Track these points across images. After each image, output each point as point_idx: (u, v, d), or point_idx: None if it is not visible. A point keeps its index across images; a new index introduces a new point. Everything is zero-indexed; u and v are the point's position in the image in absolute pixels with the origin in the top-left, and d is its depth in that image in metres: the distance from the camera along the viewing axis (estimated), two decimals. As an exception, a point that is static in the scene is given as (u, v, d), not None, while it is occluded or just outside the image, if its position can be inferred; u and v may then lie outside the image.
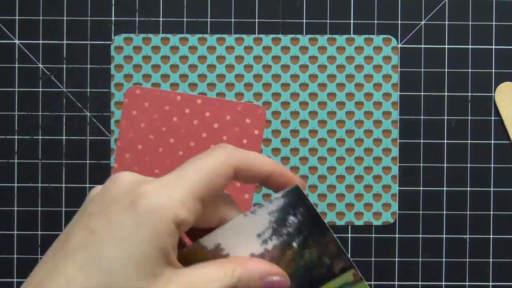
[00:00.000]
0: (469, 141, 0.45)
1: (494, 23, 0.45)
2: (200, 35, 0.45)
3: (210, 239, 0.24)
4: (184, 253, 0.24)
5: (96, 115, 0.44)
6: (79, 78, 0.44)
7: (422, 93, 0.45)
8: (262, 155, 0.26)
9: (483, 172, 0.45)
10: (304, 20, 0.45)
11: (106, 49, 0.44)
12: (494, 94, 0.45)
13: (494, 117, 0.45)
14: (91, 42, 0.44)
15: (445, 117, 0.45)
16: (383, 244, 0.44)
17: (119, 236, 0.21)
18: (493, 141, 0.45)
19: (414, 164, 0.45)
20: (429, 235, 0.45)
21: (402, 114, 0.45)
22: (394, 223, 0.45)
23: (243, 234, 0.24)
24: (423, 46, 0.45)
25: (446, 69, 0.45)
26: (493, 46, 0.45)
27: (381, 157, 0.44)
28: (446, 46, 0.45)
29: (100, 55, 0.44)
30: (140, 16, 0.45)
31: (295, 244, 0.25)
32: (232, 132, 0.44)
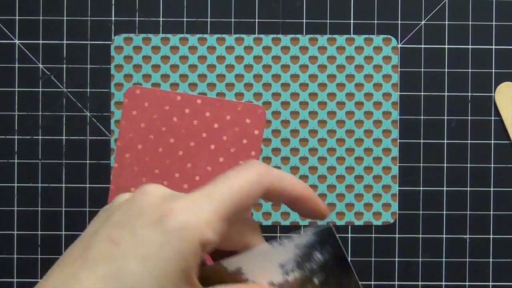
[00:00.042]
0: (469, 141, 0.45)
1: (494, 23, 0.45)
2: (200, 35, 0.45)
3: (233, 262, 0.24)
4: (205, 271, 0.24)
5: (96, 115, 0.44)
6: (79, 78, 0.44)
7: (422, 93, 0.45)
8: (292, 176, 0.25)
9: (483, 172, 0.45)
10: (304, 20, 0.45)
11: (106, 49, 0.44)
12: (494, 94, 0.45)
13: (494, 117, 0.45)
14: (91, 42, 0.44)
15: (445, 117, 0.45)
16: (383, 244, 0.44)
17: (144, 252, 0.21)
18: (493, 141, 0.45)
19: (414, 164, 0.45)
20: (429, 235, 0.45)
21: (402, 114, 0.45)
22: (394, 223, 0.45)
23: (266, 261, 0.24)
24: (423, 46, 0.45)
25: (446, 69, 0.45)
26: (493, 46, 0.45)
27: (381, 157, 0.44)
28: (446, 46, 0.45)
29: (100, 55, 0.44)
30: (140, 16, 0.45)
31: (316, 280, 0.25)
32: (232, 132, 0.44)
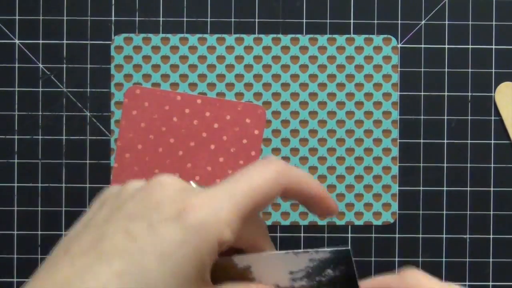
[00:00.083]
0: (469, 141, 0.45)
1: (494, 23, 0.45)
2: (200, 35, 0.45)
3: (243, 260, 0.24)
4: (215, 263, 0.24)
5: (96, 115, 0.44)
6: (79, 78, 0.44)
7: (422, 93, 0.45)
8: (309, 175, 0.25)
9: (483, 172, 0.45)
10: (304, 20, 0.45)
11: (106, 49, 0.44)
12: (494, 94, 0.45)
13: (494, 117, 0.45)
14: (91, 42, 0.44)
15: (445, 117, 0.45)
16: (383, 244, 0.44)
17: (163, 249, 0.20)
18: (493, 141, 0.45)
19: (414, 164, 0.45)
20: (429, 235, 0.44)
21: (402, 114, 0.45)
22: (394, 223, 0.45)
23: (277, 266, 0.24)
24: (423, 46, 0.45)
25: (446, 69, 0.45)
26: (493, 46, 0.45)
27: (381, 157, 0.44)
28: (446, 46, 0.45)
29: (100, 55, 0.44)
30: (140, 16, 0.45)
31: None
32: (232, 132, 0.44)
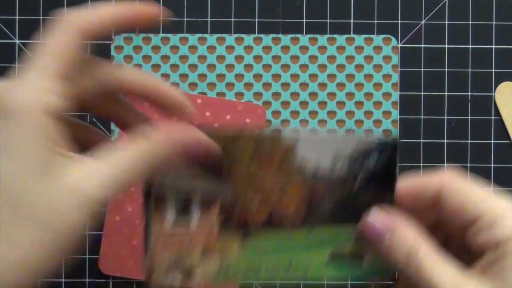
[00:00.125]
0: (469, 141, 0.45)
1: (494, 23, 0.45)
2: (200, 35, 0.45)
3: (290, 136, 0.24)
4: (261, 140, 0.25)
5: (96, 114, 0.44)
6: (79, 77, 0.44)
7: (422, 93, 0.45)
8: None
9: (483, 172, 0.44)
10: (304, 20, 0.45)
11: (106, 48, 0.44)
12: (494, 94, 0.45)
13: (494, 117, 0.45)
14: (91, 42, 0.44)
15: (445, 117, 0.45)
16: (383, 244, 0.44)
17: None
18: (493, 141, 0.44)
19: (414, 164, 0.45)
20: (429, 235, 0.44)
21: (402, 114, 0.45)
22: (394, 223, 0.44)
23: (323, 144, 0.24)
24: (423, 46, 0.45)
25: (446, 69, 0.45)
26: (493, 46, 0.45)
27: (381, 157, 0.44)
28: (446, 46, 0.45)
29: (100, 54, 0.44)
30: (140, 16, 0.44)
31: (358, 180, 0.25)
32: (232, 131, 0.44)
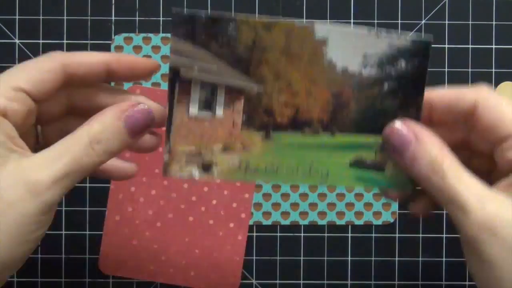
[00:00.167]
0: (469, 141, 0.44)
1: (494, 22, 0.45)
2: (200, 35, 0.45)
3: (323, 29, 0.23)
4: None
5: (96, 114, 0.44)
6: (79, 77, 0.44)
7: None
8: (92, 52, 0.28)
9: (483, 171, 0.44)
10: (304, 20, 0.45)
11: (106, 48, 0.44)
12: (494, 94, 0.44)
13: (494, 117, 0.44)
14: (91, 42, 0.44)
15: (445, 117, 0.45)
16: (383, 244, 0.44)
17: None
18: (493, 141, 0.44)
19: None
20: (429, 235, 0.44)
21: (402, 114, 0.45)
22: (394, 223, 0.44)
23: (354, 45, 0.23)
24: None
25: (446, 69, 0.45)
26: (493, 46, 0.45)
27: (381, 156, 0.44)
28: (446, 45, 0.45)
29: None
30: (140, 16, 0.45)
31: (386, 86, 0.24)
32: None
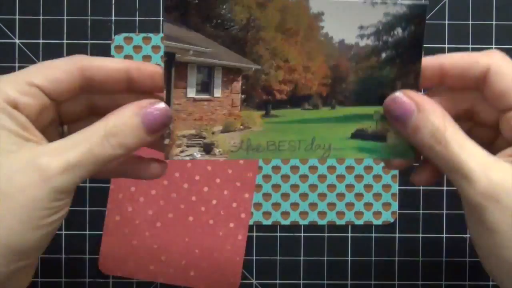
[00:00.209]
0: (469, 141, 0.44)
1: (494, 23, 0.45)
2: (200, 35, 0.45)
3: (317, 2, 0.23)
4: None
5: (96, 114, 0.44)
6: (79, 77, 0.44)
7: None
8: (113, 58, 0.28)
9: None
10: (304, 20, 0.45)
11: (106, 48, 0.44)
12: (494, 94, 0.44)
13: (494, 117, 0.45)
14: (91, 42, 0.44)
15: (445, 117, 0.45)
16: (383, 244, 0.44)
17: None
18: (493, 141, 0.44)
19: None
20: (429, 235, 0.44)
21: (402, 114, 0.45)
22: (394, 223, 0.44)
23: (349, 16, 0.23)
24: (423, 46, 0.45)
25: (446, 69, 0.45)
26: (493, 46, 0.45)
27: (381, 156, 0.44)
28: (446, 45, 0.45)
29: (100, 54, 0.44)
30: (140, 15, 0.45)
31: (383, 55, 0.24)
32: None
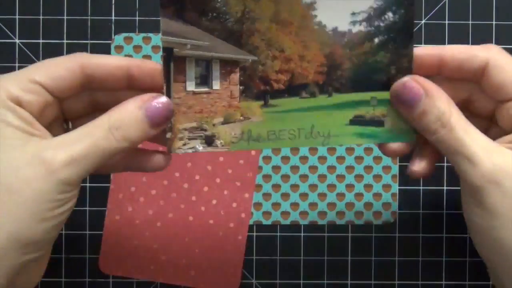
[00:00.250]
0: (469, 141, 0.44)
1: (494, 23, 0.45)
2: (200, 35, 0.45)
3: None
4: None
5: (96, 114, 0.44)
6: (79, 77, 0.44)
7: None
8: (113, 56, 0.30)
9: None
10: (304, 20, 0.45)
11: (106, 48, 0.44)
12: (494, 94, 0.44)
13: (494, 117, 0.44)
14: (91, 42, 0.44)
15: (445, 117, 0.45)
16: (383, 244, 0.44)
17: None
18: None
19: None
20: (429, 235, 0.44)
21: (402, 114, 0.45)
22: (394, 223, 0.44)
23: (341, 5, 0.23)
24: (423, 45, 0.45)
25: (446, 69, 0.45)
26: (493, 46, 0.45)
27: (381, 156, 0.44)
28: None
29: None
30: (140, 15, 0.45)
31: (376, 40, 0.24)
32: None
